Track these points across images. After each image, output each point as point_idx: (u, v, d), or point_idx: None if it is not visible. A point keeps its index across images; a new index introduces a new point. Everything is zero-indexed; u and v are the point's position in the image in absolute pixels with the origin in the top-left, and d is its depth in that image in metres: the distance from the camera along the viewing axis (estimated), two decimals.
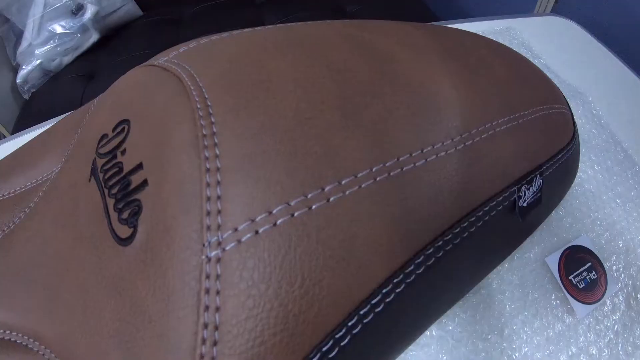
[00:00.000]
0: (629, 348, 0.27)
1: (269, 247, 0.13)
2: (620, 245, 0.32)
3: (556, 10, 0.61)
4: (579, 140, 0.29)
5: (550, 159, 0.25)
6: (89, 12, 0.83)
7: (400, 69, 0.20)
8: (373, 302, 0.16)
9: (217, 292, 0.13)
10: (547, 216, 0.30)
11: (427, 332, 0.26)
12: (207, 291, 0.13)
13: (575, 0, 0.59)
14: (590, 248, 0.32)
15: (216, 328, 0.13)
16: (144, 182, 0.15)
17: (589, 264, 0.31)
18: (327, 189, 0.14)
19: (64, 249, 0.18)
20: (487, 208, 0.20)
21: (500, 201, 0.21)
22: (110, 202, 0.16)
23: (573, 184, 0.34)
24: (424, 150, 0.18)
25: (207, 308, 0.13)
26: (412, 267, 0.17)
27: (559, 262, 0.30)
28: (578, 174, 0.34)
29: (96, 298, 0.16)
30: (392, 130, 0.17)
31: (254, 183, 0.14)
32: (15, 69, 0.96)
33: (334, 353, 0.14)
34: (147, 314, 0.14)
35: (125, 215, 0.16)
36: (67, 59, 0.88)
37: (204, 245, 0.13)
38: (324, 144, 0.15)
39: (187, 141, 0.15)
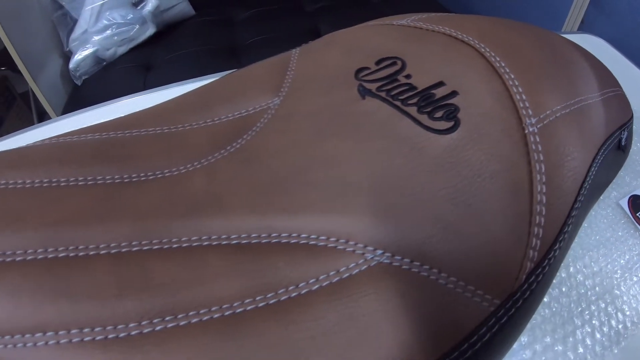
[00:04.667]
0: None
1: (560, 126, 0.21)
2: None
3: (582, 30, 0.73)
4: None
5: (627, 121, 0.35)
6: (150, 4, 0.89)
7: (556, 47, 0.29)
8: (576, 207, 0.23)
9: (539, 151, 0.20)
10: (621, 167, 0.39)
11: None
12: (535, 151, 0.20)
13: (599, 21, 0.71)
14: None
15: (544, 173, 0.20)
16: (453, 92, 0.22)
17: None
18: (569, 102, 0.23)
19: (344, 152, 0.21)
20: (610, 140, 0.29)
21: (616, 137, 0.30)
22: (411, 109, 0.22)
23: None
24: (587, 96, 0.27)
25: (537, 161, 0.20)
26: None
27: (627, 204, 0.40)
28: None
29: (418, 179, 0.20)
30: (571, 79, 0.26)
31: (543, 93, 0.22)
32: (66, 56, 0.99)
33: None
34: (487, 171, 0.20)
35: (438, 114, 0.21)
36: (122, 50, 0.93)
37: (524, 124, 0.21)
38: (554, 80, 0.24)
39: (485, 69, 0.23)
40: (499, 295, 0.18)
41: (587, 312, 0.32)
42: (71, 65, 0.93)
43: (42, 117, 1.20)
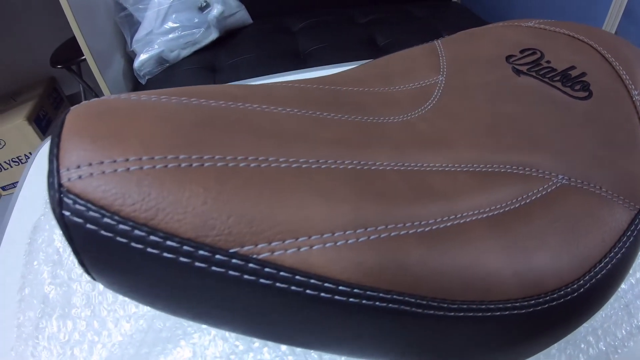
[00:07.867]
0: None
1: None
2: None
3: None
4: None
5: None
6: (216, 10, 0.95)
7: (629, 45, 0.36)
8: None
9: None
10: None
11: None
12: None
13: (631, 33, 0.81)
14: None
15: None
16: (583, 73, 0.30)
17: None
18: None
19: (519, 112, 0.28)
20: None
21: None
22: (557, 84, 0.30)
23: None
24: None
25: None
26: None
27: None
28: None
29: (576, 129, 0.27)
30: None
31: (636, 74, 0.30)
32: (128, 55, 1.05)
33: None
34: (617, 123, 0.28)
35: (577, 87, 0.29)
36: (185, 52, 0.99)
37: (631, 95, 0.29)
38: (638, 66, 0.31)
39: (599, 58, 0.31)
40: (638, 202, 0.26)
41: None
42: (136, 64, 0.98)
43: None
